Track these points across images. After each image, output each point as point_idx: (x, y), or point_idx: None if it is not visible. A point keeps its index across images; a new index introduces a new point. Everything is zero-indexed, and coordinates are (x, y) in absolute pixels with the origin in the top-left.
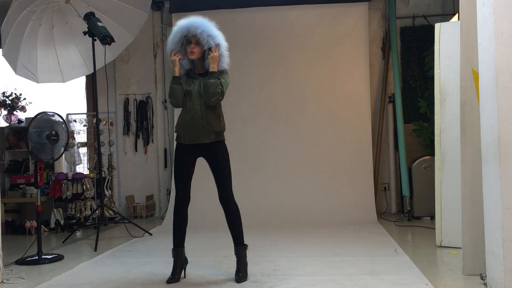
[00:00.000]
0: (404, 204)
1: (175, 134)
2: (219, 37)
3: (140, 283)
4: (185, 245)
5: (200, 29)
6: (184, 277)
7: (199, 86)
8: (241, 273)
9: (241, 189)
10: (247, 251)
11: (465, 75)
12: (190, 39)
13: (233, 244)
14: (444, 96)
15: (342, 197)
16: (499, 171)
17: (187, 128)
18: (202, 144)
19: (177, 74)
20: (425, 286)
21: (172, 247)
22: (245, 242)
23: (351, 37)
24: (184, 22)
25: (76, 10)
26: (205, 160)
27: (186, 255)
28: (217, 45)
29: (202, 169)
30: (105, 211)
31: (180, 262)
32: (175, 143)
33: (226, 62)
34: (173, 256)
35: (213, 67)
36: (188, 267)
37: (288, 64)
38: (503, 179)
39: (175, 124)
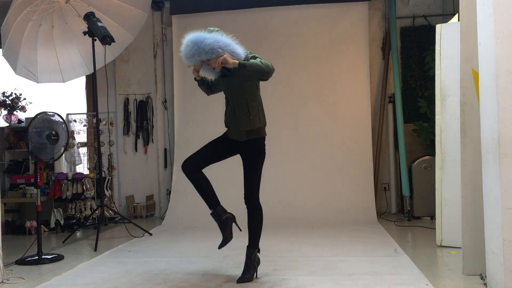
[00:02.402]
0: (404, 204)
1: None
2: (223, 42)
3: (140, 283)
4: (187, 242)
5: (201, 49)
6: (240, 230)
7: (230, 84)
8: (247, 275)
9: (240, 189)
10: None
11: (465, 75)
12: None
13: (230, 244)
14: (444, 96)
15: (342, 197)
16: (499, 171)
17: (228, 124)
18: (239, 141)
19: (235, 62)
20: (425, 286)
21: (210, 211)
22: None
23: (351, 37)
24: (189, 48)
25: (76, 10)
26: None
27: (190, 252)
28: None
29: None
30: (105, 211)
31: (225, 220)
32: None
33: (240, 52)
34: (216, 220)
35: (234, 63)
36: (187, 266)
37: (288, 64)
38: (503, 179)
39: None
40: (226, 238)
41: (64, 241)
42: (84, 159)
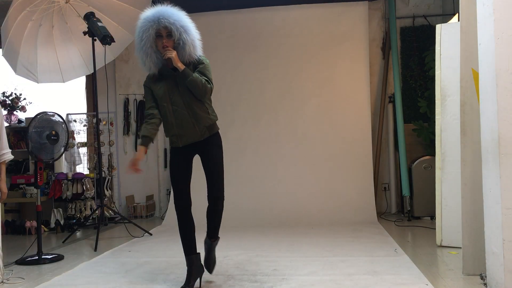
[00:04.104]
0: (404, 204)
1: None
2: (190, 27)
3: (140, 283)
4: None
5: (171, 19)
6: (200, 286)
7: (176, 83)
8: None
9: (241, 189)
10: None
11: (465, 75)
12: (160, 31)
13: (230, 244)
14: (444, 96)
15: (342, 197)
16: (499, 171)
17: (178, 131)
18: (196, 142)
19: (181, 66)
20: (425, 286)
21: (184, 255)
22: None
23: (351, 37)
24: (151, 13)
25: (76, 10)
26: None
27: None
28: (172, 40)
29: (198, 167)
30: (105, 211)
31: (195, 270)
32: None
33: (199, 50)
34: (187, 265)
35: (179, 66)
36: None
37: (288, 64)
38: (503, 179)
39: (164, 130)
40: (187, 287)
41: (64, 241)
42: (84, 159)
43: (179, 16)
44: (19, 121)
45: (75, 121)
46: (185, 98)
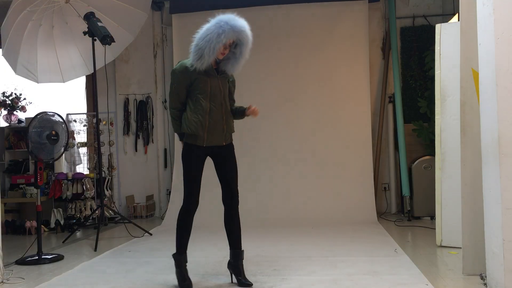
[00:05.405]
0: (404, 204)
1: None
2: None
3: (140, 283)
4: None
5: (248, 38)
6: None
7: (218, 84)
8: (245, 280)
9: (241, 189)
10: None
11: (465, 75)
12: (231, 41)
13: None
14: (444, 96)
15: (342, 197)
16: (499, 171)
17: (207, 129)
18: (216, 146)
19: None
20: (425, 286)
21: (176, 253)
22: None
23: (351, 37)
24: (238, 24)
25: (76, 10)
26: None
27: (189, 252)
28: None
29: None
30: (105, 211)
31: (185, 268)
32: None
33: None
34: (178, 264)
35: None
36: (188, 267)
37: (288, 64)
38: (503, 179)
39: (187, 123)
40: (185, 282)
41: (64, 241)
42: (84, 159)
43: (251, 35)
44: (19, 121)
45: (75, 121)
46: (224, 102)
